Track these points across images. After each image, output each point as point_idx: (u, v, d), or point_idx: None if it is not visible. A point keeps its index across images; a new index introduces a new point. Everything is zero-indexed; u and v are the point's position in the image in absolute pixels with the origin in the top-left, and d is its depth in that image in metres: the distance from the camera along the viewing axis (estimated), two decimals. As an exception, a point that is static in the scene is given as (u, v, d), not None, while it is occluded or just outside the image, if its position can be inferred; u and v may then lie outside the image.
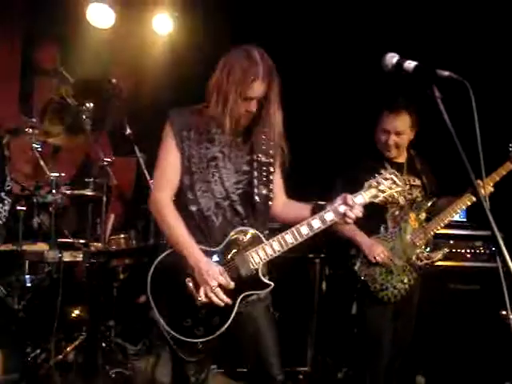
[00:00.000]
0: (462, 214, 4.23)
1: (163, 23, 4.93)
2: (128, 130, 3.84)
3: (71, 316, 3.82)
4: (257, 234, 2.28)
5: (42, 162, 3.82)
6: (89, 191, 3.87)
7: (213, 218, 2.28)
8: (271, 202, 2.37)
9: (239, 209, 2.32)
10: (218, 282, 2.17)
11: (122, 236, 4.11)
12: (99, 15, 4.66)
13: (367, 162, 3.13)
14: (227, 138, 2.31)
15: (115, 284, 3.93)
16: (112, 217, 4.25)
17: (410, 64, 1.77)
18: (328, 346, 4.17)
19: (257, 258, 2.25)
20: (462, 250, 4.05)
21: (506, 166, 3.14)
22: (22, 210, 3.55)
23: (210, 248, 2.26)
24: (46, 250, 3.62)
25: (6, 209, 3.52)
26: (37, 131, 3.79)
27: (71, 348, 3.65)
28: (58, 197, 3.65)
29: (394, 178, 2.38)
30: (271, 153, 2.37)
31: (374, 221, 3.11)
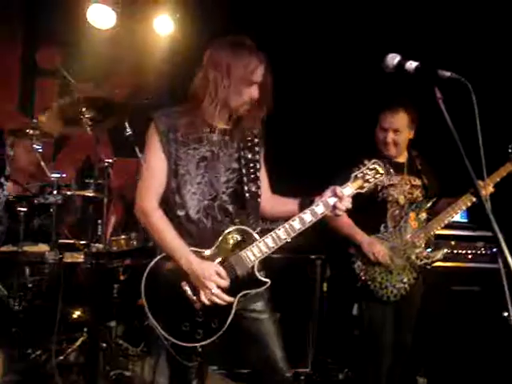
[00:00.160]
0: (464, 215, 4.23)
1: (164, 24, 4.94)
2: (129, 130, 3.83)
3: (72, 317, 3.83)
4: (249, 232, 2.25)
5: (42, 163, 3.82)
6: (90, 192, 3.87)
7: (203, 220, 2.25)
8: (259, 199, 2.35)
9: (229, 208, 2.29)
10: (216, 283, 2.15)
11: (122, 237, 4.09)
12: (100, 16, 4.67)
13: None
14: (216, 137, 2.30)
15: (116, 285, 3.91)
16: (113, 218, 4.25)
17: (411, 64, 1.77)
18: (329, 346, 4.17)
19: (252, 256, 2.22)
20: (464, 251, 4.06)
21: (507, 166, 3.15)
22: (23, 211, 3.54)
23: (202, 250, 2.22)
24: (47, 251, 3.62)
25: (6, 194, 3.53)
26: (37, 132, 3.78)
27: (72, 349, 3.64)
28: (58, 198, 3.65)
29: (376, 167, 2.41)
30: (256, 150, 2.36)
31: (374, 220, 3.13)
